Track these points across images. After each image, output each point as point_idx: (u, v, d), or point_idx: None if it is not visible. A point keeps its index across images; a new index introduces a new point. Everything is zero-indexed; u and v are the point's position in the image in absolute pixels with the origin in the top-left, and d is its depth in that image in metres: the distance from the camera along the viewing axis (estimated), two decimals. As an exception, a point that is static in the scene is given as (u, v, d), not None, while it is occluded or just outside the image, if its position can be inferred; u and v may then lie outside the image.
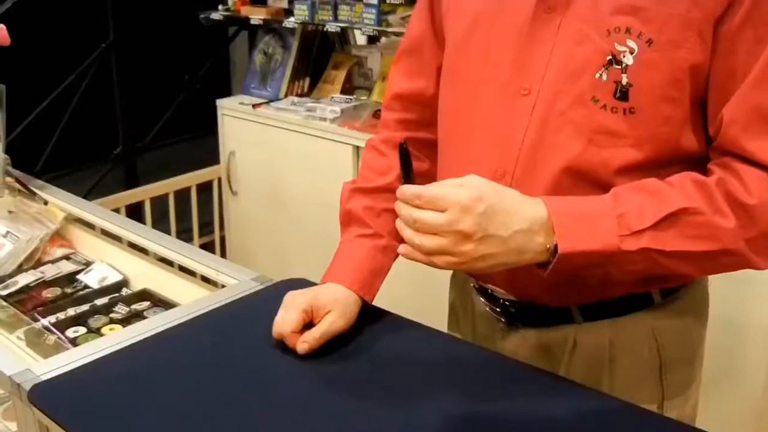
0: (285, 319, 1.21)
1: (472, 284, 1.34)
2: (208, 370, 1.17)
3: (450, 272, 1.43)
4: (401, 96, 1.38)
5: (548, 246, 1.01)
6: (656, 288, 1.20)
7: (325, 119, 2.94)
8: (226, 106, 3.32)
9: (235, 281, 1.48)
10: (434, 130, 1.32)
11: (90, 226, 1.93)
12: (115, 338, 1.28)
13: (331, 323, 1.21)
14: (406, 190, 1.00)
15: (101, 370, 1.18)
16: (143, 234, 1.78)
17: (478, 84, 1.19)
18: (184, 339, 1.28)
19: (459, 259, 0.99)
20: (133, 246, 1.81)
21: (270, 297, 1.40)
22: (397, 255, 1.10)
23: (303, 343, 1.19)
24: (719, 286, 1.31)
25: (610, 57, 1.05)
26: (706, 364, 1.32)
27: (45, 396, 1.12)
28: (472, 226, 0.96)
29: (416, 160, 1.18)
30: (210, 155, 3.52)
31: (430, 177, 1.24)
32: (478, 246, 0.98)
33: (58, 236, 1.87)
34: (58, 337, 1.43)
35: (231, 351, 1.22)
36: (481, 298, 1.32)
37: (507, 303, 1.26)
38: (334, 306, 1.23)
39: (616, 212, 1.02)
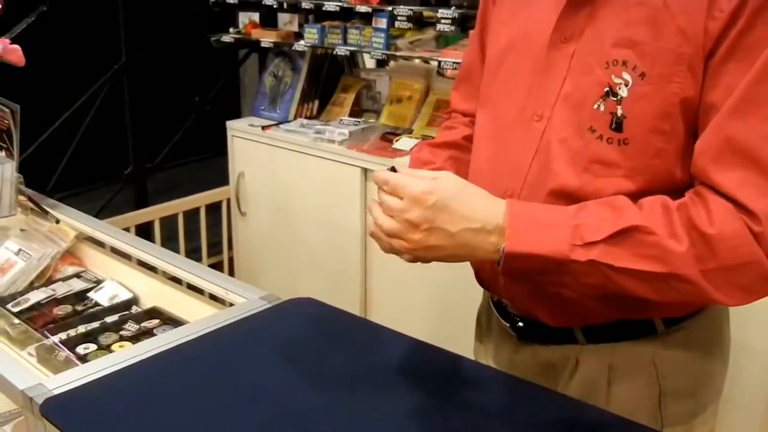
0: None
1: (490, 298, 1.37)
2: (216, 387, 1.18)
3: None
4: (459, 111, 1.47)
5: (499, 246, 1.05)
6: (658, 316, 1.20)
7: (333, 141, 2.97)
8: (235, 127, 3.35)
9: (244, 300, 1.50)
10: None
11: (101, 244, 1.95)
12: (125, 354, 1.29)
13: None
14: (379, 174, 1.07)
15: (112, 385, 1.20)
16: (153, 252, 1.80)
17: (502, 109, 1.23)
18: (192, 356, 1.29)
19: (410, 246, 1.06)
20: (143, 264, 1.82)
21: (278, 315, 1.42)
22: None
23: None
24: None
25: (607, 88, 1.08)
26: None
27: (57, 410, 1.13)
28: (418, 217, 1.03)
29: None
30: (219, 176, 3.55)
31: None
32: (426, 236, 1.04)
33: (69, 254, 1.89)
34: (68, 354, 1.45)
35: (239, 368, 1.24)
36: (496, 312, 1.34)
37: (516, 319, 1.29)
38: None
39: (574, 222, 1.04)
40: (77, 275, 1.81)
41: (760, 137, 0.99)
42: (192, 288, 1.71)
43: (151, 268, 1.81)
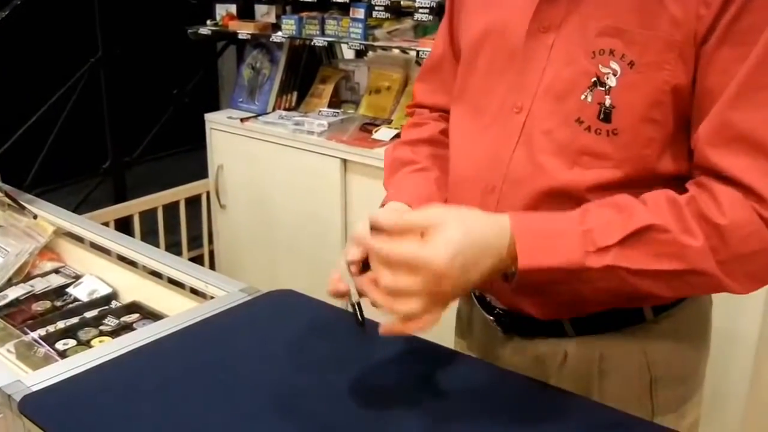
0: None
1: (472, 293, 1.36)
2: (196, 381, 1.18)
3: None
4: (425, 105, 1.43)
5: (512, 263, 1.01)
6: (648, 305, 1.20)
7: (312, 133, 2.96)
8: (214, 120, 3.33)
9: (224, 293, 1.49)
10: None
11: (79, 239, 1.94)
12: (104, 349, 1.29)
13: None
14: (378, 250, 0.98)
15: (91, 380, 1.19)
16: (132, 247, 1.79)
17: (480, 101, 1.21)
18: (172, 350, 1.29)
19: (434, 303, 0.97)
20: (123, 259, 1.82)
21: (258, 308, 1.42)
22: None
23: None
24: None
25: (594, 79, 1.06)
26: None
27: (35, 407, 1.13)
28: (449, 285, 0.96)
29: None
30: (198, 169, 3.53)
31: None
32: (454, 291, 0.98)
33: (47, 250, 1.88)
34: (48, 350, 1.44)
35: (219, 361, 1.23)
36: (479, 307, 1.34)
37: (501, 313, 1.28)
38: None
39: (582, 228, 1.01)
40: (56, 271, 1.81)
41: (764, 123, 0.98)
42: (172, 282, 1.70)
43: (130, 263, 1.80)
